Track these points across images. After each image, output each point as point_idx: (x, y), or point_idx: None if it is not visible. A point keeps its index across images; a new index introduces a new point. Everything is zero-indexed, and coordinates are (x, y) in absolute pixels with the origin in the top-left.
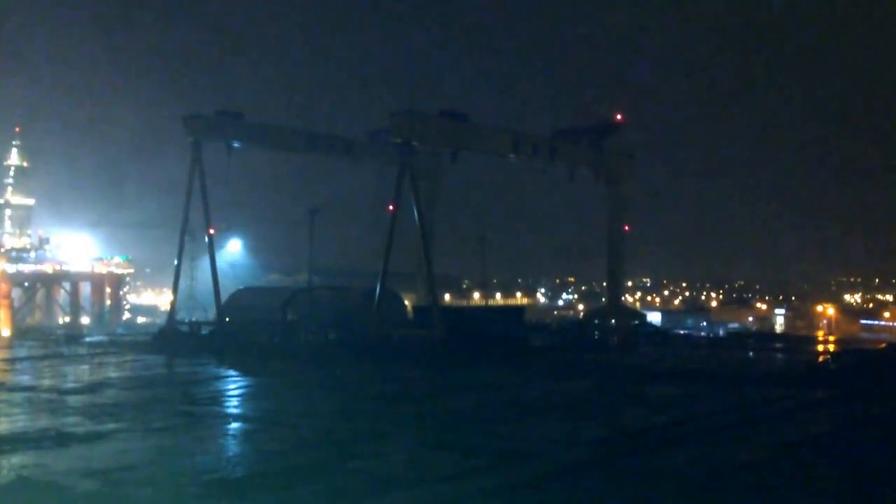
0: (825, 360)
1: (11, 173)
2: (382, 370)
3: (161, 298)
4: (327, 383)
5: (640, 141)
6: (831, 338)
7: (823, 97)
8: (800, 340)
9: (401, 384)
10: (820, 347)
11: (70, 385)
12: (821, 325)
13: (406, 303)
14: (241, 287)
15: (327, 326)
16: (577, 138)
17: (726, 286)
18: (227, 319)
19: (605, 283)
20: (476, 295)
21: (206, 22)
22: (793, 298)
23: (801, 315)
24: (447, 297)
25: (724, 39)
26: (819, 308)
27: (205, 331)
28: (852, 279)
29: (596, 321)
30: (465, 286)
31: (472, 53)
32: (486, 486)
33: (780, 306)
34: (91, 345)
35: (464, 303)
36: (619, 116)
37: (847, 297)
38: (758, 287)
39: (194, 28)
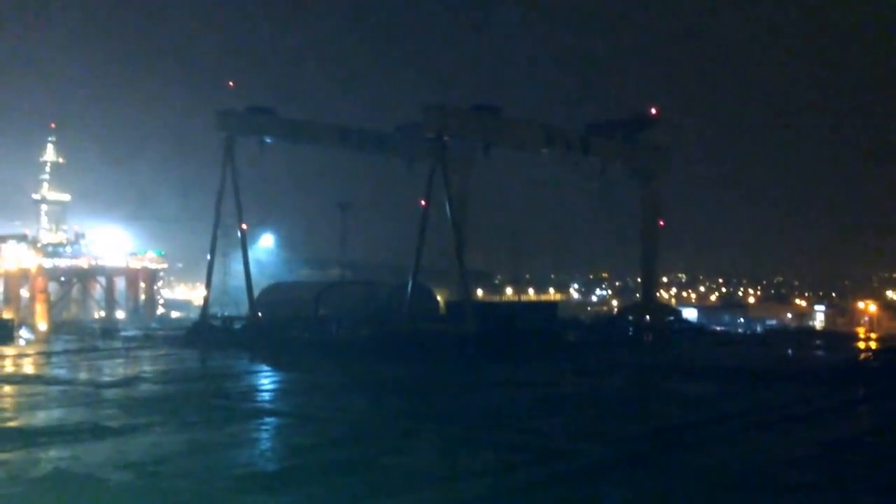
0: (866, 358)
1: (47, 169)
2: (414, 366)
3: (194, 293)
4: (359, 378)
5: (676, 135)
6: (873, 335)
7: (865, 89)
8: (840, 338)
9: (433, 380)
10: (861, 345)
11: (106, 379)
12: (862, 322)
13: (438, 298)
14: (273, 282)
15: (359, 321)
16: (611, 133)
17: (764, 282)
18: (259, 314)
19: (639, 279)
20: (508, 290)
21: (238, 17)
22: (833, 295)
23: (841, 312)
24: (479, 292)
25: (761, 29)
26: (860, 305)
27: (237, 325)
28: (895, 275)
29: (630, 317)
30: (497, 281)
31: (504, 47)
32: (520, 482)
33: (819, 303)
34: (126, 339)
35: (496, 298)
36: (653, 110)
37: (889, 293)
38: (797, 283)
39: (226, 23)
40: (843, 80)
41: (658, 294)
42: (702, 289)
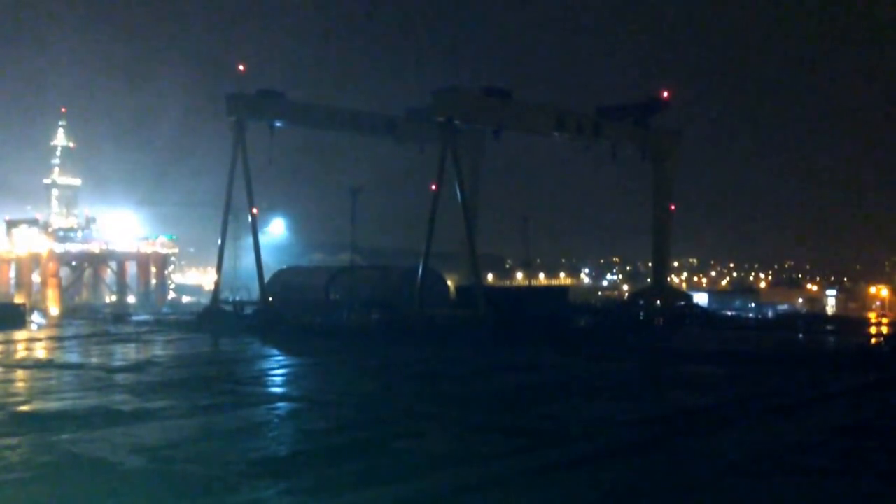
0: (878, 343)
1: (58, 154)
2: (425, 350)
3: (205, 277)
4: (370, 363)
5: (687, 118)
6: (884, 320)
7: (878, 74)
8: (852, 322)
9: (443, 364)
10: (872, 330)
11: (117, 363)
12: (874, 306)
13: (449, 283)
14: (284, 267)
15: (370, 306)
16: (623, 116)
17: (776, 267)
18: (270, 299)
19: (650, 264)
20: (519, 275)
21: (248, 0)
22: (845, 279)
23: (853, 296)
24: (490, 277)
25: (773, 12)
26: (872, 289)
27: (248, 310)
28: None
29: (641, 302)
30: (508, 266)
31: (515, 30)
32: (531, 465)
33: (831, 287)
34: (137, 324)
35: (507, 283)
36: (665, 94)
37: None
38: (808, 268)
39: (237, 7)
40: (860, 62)
41: (669, 279)
42: (713, 273)
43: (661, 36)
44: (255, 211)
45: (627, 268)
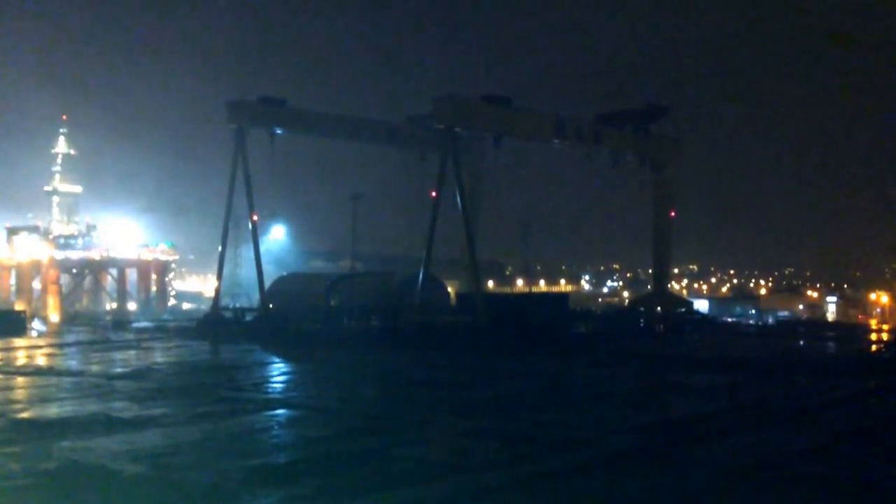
0: (878, 350)
1: (59, 161)
2: (425, 357)
3: (206, 285)
4: (370, 370)
5: (687, 125)
6: (885, 326)
7: (876, 79)
8: (852, 329)
9: (444, 371)
10: (873, 336)
11: (118, 370)
12: (874, 313)
13: (449, 289)
14: (285, 273)
15: (370, 313)
16: (622, 123)
17: (776, 273)
18: (271, 306)
19: (650, 270)
20: (519, 282)
21: (250, 7)
22: (845, 286)
23: (853, 303)
24: (490, 283)
25: (775, 17)
26: (872, 296)
27: (248, 317)
28: None
29: (641, 308)
30: (508, 273)
31: (515, 37)
32: (531, 473)
33: (831, 294)
34: (138, 330)
35: (507, 289)
36: (664, 101)
37: None
38: (809, 274)
39: (237, 14)
40: (860, 68)
41: (669, 285)
42: (713, 280)
43: (662, 42)
44: (255, 218)
45: (628, 274)
